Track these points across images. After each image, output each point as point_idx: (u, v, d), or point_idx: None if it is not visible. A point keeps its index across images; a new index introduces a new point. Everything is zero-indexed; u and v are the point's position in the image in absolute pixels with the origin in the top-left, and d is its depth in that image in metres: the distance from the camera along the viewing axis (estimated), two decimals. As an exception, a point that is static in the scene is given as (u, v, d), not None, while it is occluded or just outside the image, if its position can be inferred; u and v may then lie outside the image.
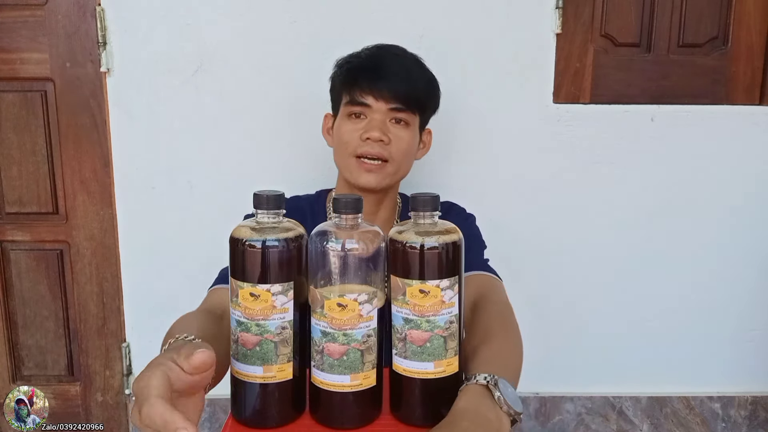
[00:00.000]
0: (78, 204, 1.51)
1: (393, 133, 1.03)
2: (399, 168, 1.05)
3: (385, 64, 1.04)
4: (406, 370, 0.64)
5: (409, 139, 1.05)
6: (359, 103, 1.03)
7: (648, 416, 1.59)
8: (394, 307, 0.64)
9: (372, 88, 1.02)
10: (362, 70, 1.04)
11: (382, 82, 1.01)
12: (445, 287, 0.63)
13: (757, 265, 1.53)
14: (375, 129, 1.01)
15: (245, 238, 0.62)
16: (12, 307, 1.57)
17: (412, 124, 1.06)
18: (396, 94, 1.02)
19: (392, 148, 1.02)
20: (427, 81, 1.08)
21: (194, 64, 1.42)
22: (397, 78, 1.02)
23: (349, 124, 1.05)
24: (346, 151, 1.04)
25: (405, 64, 1.06)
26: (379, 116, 1.02)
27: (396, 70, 1.03)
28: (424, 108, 1.09)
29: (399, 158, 1.04)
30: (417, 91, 1.05)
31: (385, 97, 1.01)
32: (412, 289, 0.62)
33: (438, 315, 0.63)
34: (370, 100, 1.02)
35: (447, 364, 0.64)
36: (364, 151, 1.01)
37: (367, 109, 1.03)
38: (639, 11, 1.42)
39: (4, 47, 1.43)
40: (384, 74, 1.02)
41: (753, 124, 1.46)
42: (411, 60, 1.08)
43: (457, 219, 1.00)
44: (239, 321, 0.63)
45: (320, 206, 1.16)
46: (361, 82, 1.03)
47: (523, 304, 1.52)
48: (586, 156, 1.47)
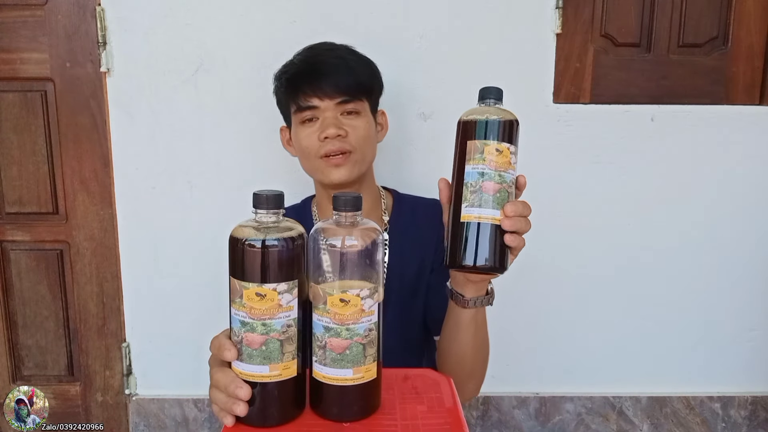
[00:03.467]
0: (78, 204, 1.51)
1: (347, 125, 1.05)
2: (364, 155, 1.08)
3: (320, 62, 1.06)
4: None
5: (364, 125, 1.07)
6: (307, 107, 1.05)
7: (648, 416, 1.59)
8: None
9: (314, 89, 1.04)
10: (300, 75, 1.06)
11: (323, 81, 1.03)
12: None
13: (757, 265, 1.53)
14: (329, 126, 1.03)
15: (248, 238, 0.63)
16: (12, 307, 1.57)
17: (363, 111, 1.08)
18: (338, 87, 1.04)
19: (351, 139, 1.05)
20: (365, 66, 1.10)
21: (194, 64, 1.43)
22: (335, 72, 1.04)
23: (304, 130, 1.07)
24: (310, 155, 1.07)
25: (339, 56, 1.08)
26: (330, 113, 1.04)
27: (331, 64, 1.06)
28: (370, 92, 1.11)
29: (361, 145, 1.06)
30: (357, 78, 1.07)
31: (328, 93, 1.04)
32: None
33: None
34: (316, 101, 1.04)
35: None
36: (326, 150, 1.04)
37: (316, 110, 1.05)
38: (639, 11, 1.42)
39: (4, 47, 1.43)
40: (322, 72, 1.04)
41: (753, 124, 1.46)
42: (343, 50, 1.10)
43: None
44: (243, 321, 0.63)
45: (306, 212, 1.19)
46: (302, 87, 1.05)
47: (522, 304, 1.53)
48: (586, 156, 1.47)
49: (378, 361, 0.68)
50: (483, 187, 0.73)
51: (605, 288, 1.54)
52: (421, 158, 1.46)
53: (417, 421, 0.67)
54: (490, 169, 0.73)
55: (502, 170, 0.74)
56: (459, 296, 0.86)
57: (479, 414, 1.59)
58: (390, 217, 1.16)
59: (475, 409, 1.59)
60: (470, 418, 1.59)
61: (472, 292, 0.86)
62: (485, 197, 0.73)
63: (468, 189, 0.74)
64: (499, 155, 0.74)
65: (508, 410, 1.59)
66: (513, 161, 0.75)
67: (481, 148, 0.74)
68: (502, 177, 0.74)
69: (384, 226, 1.14)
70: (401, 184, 1.27)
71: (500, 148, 0.74)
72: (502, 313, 1.46)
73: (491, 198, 0.73)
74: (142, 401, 1.59)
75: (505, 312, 1.49)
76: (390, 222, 1.15)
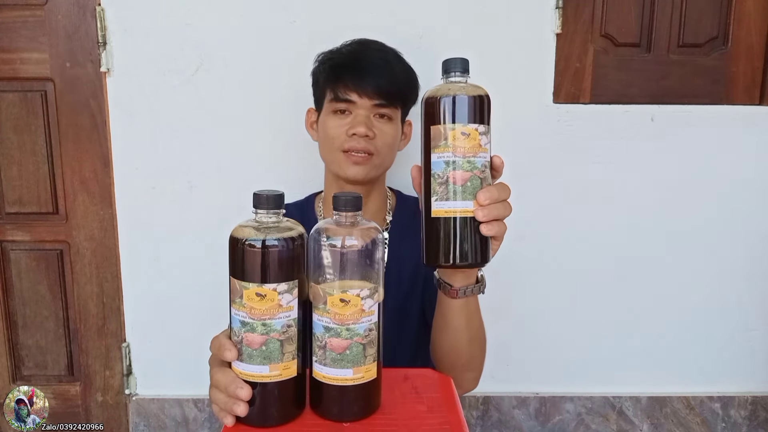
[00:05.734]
0: (78, 204, 1.51)
1: (377, 127, 1.05)
2: (384, 160, 1.09)
3: (367, 60, 1.06)
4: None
5: (392, 132, 1.08)
6: (344, 99, 1.04)
7: (648, 416, 1.59)
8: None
9: (356, 85, 1.03)
10: (345, 67, 1.06)
11: (366, 79, 1.03)
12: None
13: (757, 265, 1.53)
14: (360, 125, 1.03)
15: (248, 238, 0.63)
16: (12, 307, 1.57)
17: (395, 118, 1.08)
18: (379, 90, 1.03)
19: (377, 142, 1.05)
20: (407, 75, 1.10)
21: (194, 64, 1.42)
22: (380, 74, 1.04)
23: (334, 120, 1.06)
24: (333, 146, 1.06)
25: (386, 59, 1.08)
26: (364, 112, 1.04)
27: (378, 65, 1.05)
28: (406, 101, 1.11)
29: (384, 151, 1.07)
30: (399, 86, 1.07)
31: (368, 93, 1.03)
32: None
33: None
34: (354, 96, 1.04)
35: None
36: (350, 146, 1.04)
37: (352, 105, 1.05)
38: (639, 11, 1.42)
39: (4, 47, 1.43)
40: (367, 71, 1.04)
41: (753, 124, 1.46)
42: (392, 54, 1.10)
43: None
44: (243, 322, 0.63)
45: (309, 209, 1.19)
46: (344, 78, 1.04)
47: (522, 304, 1.53)
48: (586, 156, 1.47)
49: (378, 361, 0.68)
50: (451, 178, 0.68)
51: (605, 288, 1.54)
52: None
53: (417, 421, 0.67)
54: (457, 156, 0.67)
55: (471, 155, 0.67)
56: (447, 286, 0.82)
57: (479, 414, 1.59)
58: (392, 217, 1.16)
59: (475, 409, 1.59)
60: (470, 418, 1.59)
61: (460, 281, 0.82)
62: (454, 189, 0.68)
63: (435, 181, 0.69)
64: (467, 139, 0.67)
65: (508, 410, 1.59)
66: (484, 143, 0.69)
67: (446, 134, 0.67)
68: (471, 163, 0.67)
69: (385, 225, 1.15)
70: (399, 184, 1.27)
71: (467, 130, 0.67)
72: (502, 313, 1.46)
73: (461, 189, 0.68)
74: (142, 401, 1.59)
75: (505, 312, 1.50)
76: (391, 222, 1.15)
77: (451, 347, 0.90)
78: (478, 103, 0.68)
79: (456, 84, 0.70)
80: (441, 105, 0.68)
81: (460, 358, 0.91)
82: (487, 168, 0.69)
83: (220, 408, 0.67)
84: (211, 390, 0.69)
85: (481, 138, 0.68)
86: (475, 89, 0.69)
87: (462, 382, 0.92)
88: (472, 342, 0.90)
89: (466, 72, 0.71)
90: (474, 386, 0.97)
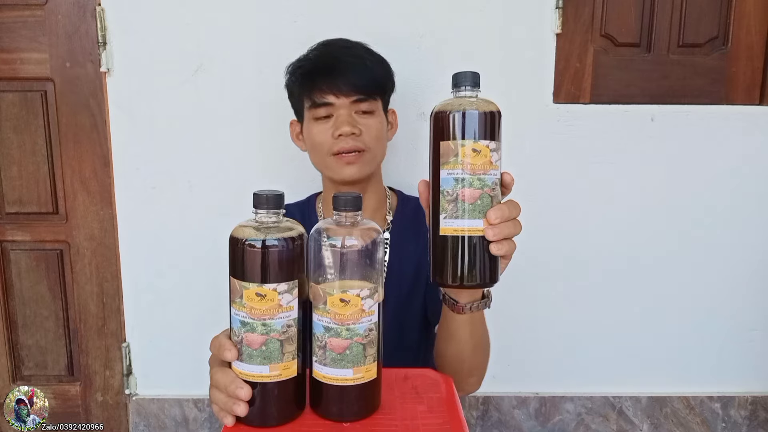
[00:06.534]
0: (78, 204, 1.51)
1: (362, 123, 1.05)
2: (375, 154, 1.09)
3: (337, 60, 1.06)
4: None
5: (378, 125, 1.08)
6: (322, 104, 1.04)
7: (648, 416, 1.59)
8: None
9: (330, 86, 1.03)
10: (316, 72, 1.06)
11: (339, 78, 1.03)
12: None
13: (756, 265, 1.53)
14: (344, 124, 1.03)
15: (248, 238, 0.63)
16: (12, 307, 1.57)
17: (377, 110, 1.08)
18: (355, 86, 1.03)
19: (365, 138, 1.05)
20: (379, 65, 1.10)
21: (194, 64, 1.42)
22: (352, 70, 1.04)
23: (318, 126, 1.06)
24: (322, 152, 1.06)
25: (355, 54, 1.08)
26: (345, 111, 1.04)
27: (348, 62, 1.05)
28: (384, 91, 1.11)
29: (373, 145, 1.07)
30: (373, 77, 1.07)
31: (345, 91, 1.03)
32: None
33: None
34: (331, 98, 1.04)
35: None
36: (339, 147, 1.04)
37: (331, 107, 1.05)
38: (639, 11, 1.42)
39: (4, 47, 1.43)
40: (338, 70, 1.04)
41: (753, 124, 1.46)
42: (360, 49, 1.10)
43: None
44: (243, 322, 0.63)
45: (310, 209, 1.19)
46: (318, 83, 1.04)
47: (522, 304, 1.53)
48: (586, 156, 1.47)
49: (378, 361, 0.68)
50: (461, 195, 0.66)
51: (605, 288, 1.54)
52: (422, 159, 1.46)
53: (417, 421, 0.67)
54: (467, 173, 0.65)
55: (482, 173, 0.66)
56: (453, 302, 0.81)
57: (479, 414, 1.59)
58: (393, 217, 1.16)
59: (475, 409, 1.59)
60: (470, 418, 1.59)
61: (466, 298, 0.81)
62: (464, 206, 0.66)
63: (445, 198, 0.67)
64: (477, 156, 0.65)
65: (508, 410, 1.59)
66: (495, 159, 0.67)
67: (456, 150, 0.66)
68: (482, 181, 0.66)
69: (386, 225, 1.14)
70: (400, 184, 1.27)
71: (478, 147, 0.65)
72: (502, 313, 1.46)
73: (470, 207, 0.66)
74: (142, 401, 1.59)
75: (505, 312, 1.49)
76: (392, 222, 1.15)
77: (455, 356, 0.90)
78: (489, 119, 0.66)
79: (467, 99, 0.68)
80: (451, 120, 0.66)
81: (464, 365, 0.91)
82: (497, 186, 0.68)
83: (220, 408, 0.67)
84: (211, 390, 0.69)
85: (492, 155, 0.66)
86: (486, 104, 0.67)
87: (465, 386, 0.93)
88: (476, 350, 0.90)
89: (477, 86, 0.69)
90: (476, 389, 0.97)
